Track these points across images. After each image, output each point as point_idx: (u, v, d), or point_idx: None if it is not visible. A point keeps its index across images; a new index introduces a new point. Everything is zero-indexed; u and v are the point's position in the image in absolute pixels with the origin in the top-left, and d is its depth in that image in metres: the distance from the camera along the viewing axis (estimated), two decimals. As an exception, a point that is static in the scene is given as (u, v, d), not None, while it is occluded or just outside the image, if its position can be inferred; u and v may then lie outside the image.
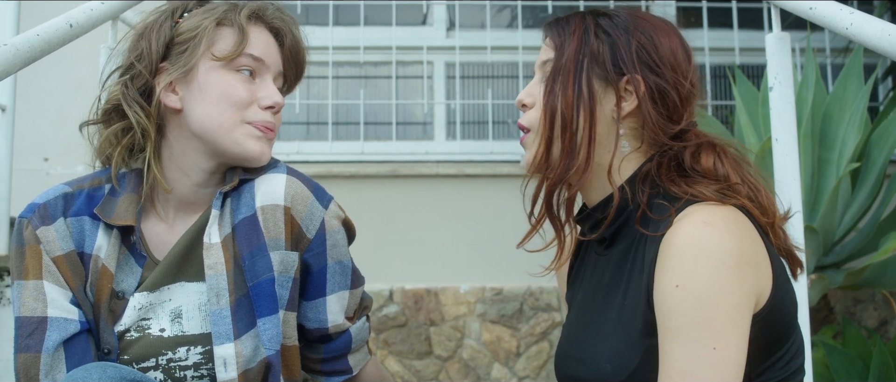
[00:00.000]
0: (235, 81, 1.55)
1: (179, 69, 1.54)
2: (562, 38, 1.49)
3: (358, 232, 1.71)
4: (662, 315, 1.31)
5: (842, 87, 3.16)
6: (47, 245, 1.54)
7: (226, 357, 1.50)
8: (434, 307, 3.72)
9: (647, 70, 1.45)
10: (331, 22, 4.20)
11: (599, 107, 1.45)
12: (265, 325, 1.54)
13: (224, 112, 1.54)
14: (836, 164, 3.09)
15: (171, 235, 1.59)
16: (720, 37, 4.21)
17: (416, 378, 3.69)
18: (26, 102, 3.49)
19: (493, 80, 4.34)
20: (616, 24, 1.47)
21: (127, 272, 1.56)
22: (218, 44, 1.55)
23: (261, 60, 1.58)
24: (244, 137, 1.55)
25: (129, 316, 1.53)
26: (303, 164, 3.93)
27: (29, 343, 1.48)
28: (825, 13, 1.93)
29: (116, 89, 1.56)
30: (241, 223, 1.57)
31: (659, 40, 1.47)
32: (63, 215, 1.57)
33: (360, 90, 4.18)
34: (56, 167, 3.92)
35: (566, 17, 1.53)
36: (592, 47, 1.46)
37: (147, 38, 1.55)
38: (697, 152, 1.45)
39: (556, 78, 1.47)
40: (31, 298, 1.50)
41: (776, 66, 2.14)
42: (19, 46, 1.78)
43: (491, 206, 3.90)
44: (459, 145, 4.20)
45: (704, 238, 1.29)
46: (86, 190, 1.61)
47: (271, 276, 1.56)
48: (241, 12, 1.58)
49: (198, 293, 1.56)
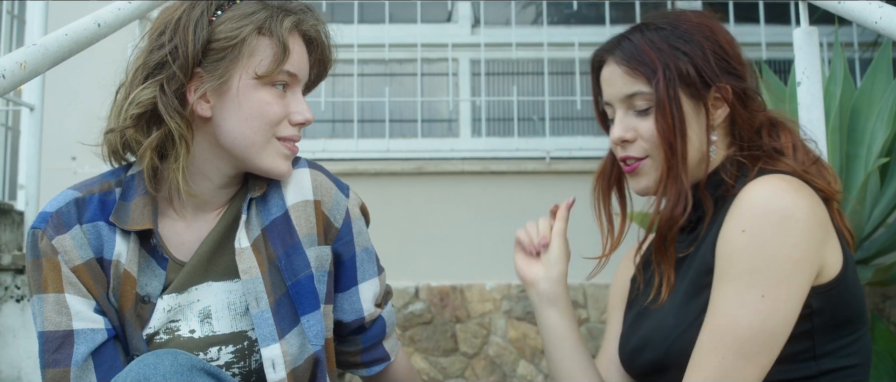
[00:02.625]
0: (271, 98, 1.51)
1: (215, 79, 1.47)
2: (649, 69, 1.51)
3: (383, 230, 1.73)
4: (722, 259, 1.37)
5: (870, 81, 3.13)
6: (65, 255, 1.47)
7: (273, 358, 1.50)
8: (460, 304, 3.73)
9: (728, 76, 1.52)
10: (356, 20, 4.21)
11: (693, 123, 1.50)
12: (310, 321, 1.56)
13: (258, 130, 1.50)
14: (864, 159, 3.06)
15: (190, 233, 1.57)
16: (747, 32, 4.18)
17: (442, 376, 3.69)
18: (54, 101, 3.52)
19: (518, 76, 4.34)
20: (681, 37, 1.52)
21: (150, 275, 1.53)
22: (257, 56, 1.49)
23: (295, 75, 1.54)
24: (274, 156, 1.53)
25: (157, 319, 1.51)
26: (328, 161, 3.93)
27: (57, 358, 1.44)
28: (854, 7, 1.91)
29: (150, 93, 1.47)
30: (272, 224, 1.58)
31: (722, 39, 1.54)
32: (78, 222, 1.50)
33: (385, 88, 4.19)
34: (83, 166, 3.95)
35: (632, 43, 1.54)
36: (678, 69, 1.50)
37: (181, 35, 1.46)
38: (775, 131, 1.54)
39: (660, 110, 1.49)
40: (53, 312, 1.45)
41: (804, 60, 2.13)
42: (48, 46, 1.79)
43: (516, 203, 3.89)
44: (484, 142, 4.20)
45: (778, 192, 1.35)
46: (96, 194, 1.54)
47: (310, 273, 1.58)
48: (282, 22, 1.51)
49: (226, 292, 1.55)
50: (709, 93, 1.50)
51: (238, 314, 1.55)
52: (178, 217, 1.57)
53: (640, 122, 1.53)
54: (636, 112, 1.53)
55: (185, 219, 1.57)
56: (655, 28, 1.53)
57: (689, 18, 1.54)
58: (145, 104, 1.47)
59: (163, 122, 1.48)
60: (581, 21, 4.42)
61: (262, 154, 1.52)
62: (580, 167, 3.92)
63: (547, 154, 4.02)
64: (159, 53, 1.48)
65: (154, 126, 1.50)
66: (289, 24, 1.51)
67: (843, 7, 1.95)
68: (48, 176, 3.27)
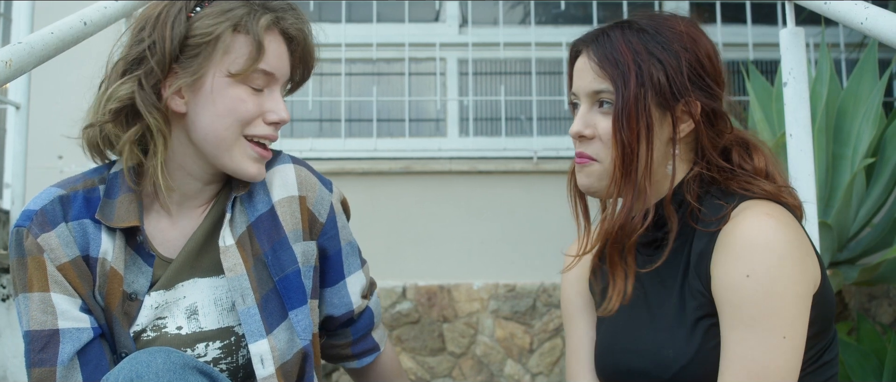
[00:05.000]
0: (245, 95, 1.50)
1: (190, 76, 1.47)
2: (618, 70, 1.48)
3: (370, 229, 1.75)
4: (730, 305, 1.36)
5: (856, 82, 3.14)
6: (51, 253, 1.47)
7: (262, 354, 1.51)
8: (447, 303, 3.73)
9: (699, 91, 1.49)
10: (343, 19, 4.20)
11: (656, 134, 1.48)
12: (297, 316, 1.57)
13: (228, 127, 1.49)
14: (850, 159, 3.08)
15: (175, 230, 1.57)
16: (734, 32, 4.19)
17: (430, 375, 3.69)
18: (41, 99, 3.50)
19: (505, 76, 4.34)
20: (660, 43, 1.49)
21: (136, 272, 1.52)
22: (232, 54, 1.48)
23: (272, 74, 1.53)
24: (242, 157, 1.52)
25: (144, 316, 1.51)
26: (316, 160, 3.92)
27: (43, 358, 1.44)
28: (840, 8, 1.92)
29: (128, 88, 1.47)
30: (258, 220, 1.59)
31: (702, 53, 1.51)
32: (64, 220, 1.49)
33: (372, 87, 4.18)
34: (70, 165, 3.94)
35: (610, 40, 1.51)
36: (649, 76, 1.47)
37: (160, 31, 1.46)
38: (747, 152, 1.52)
39: (624, 115, 1.46)
40: (39, 311, 1.45)
41: (790, 61, 2.13)
42: (34, 44, 1.78)
43: (504, 202, 3.89)
44: (472, 141, 4.20)
45: (771, 229, 1.35)
46: (80, 192, 1.54)
47: (297, 268, 1.59)
48: (259, 20, 1.49)
49: (212, 288, 1.56)
50: (677, 105, 1.47)
51: (224, 310, 1.55)
52: (163, 214, 1.57)
53: (602, 121, 1.50)
54: (600, 111, 1.51)
55: (170, 216, 1.57)
56: (638, 29, 1.50)
57: (673, 26, 1.51)
58: (123, 99, 1.47)
59: (141, 117, 1.47)
60: (569, 21, 4.43)
61: (231, 152, 1.51)
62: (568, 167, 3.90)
63: (535, 154, 4.02)
64: (138, 48, 1.48)
65: (133, 121, 1.49)
66: (266, 22, 1.50)
67: (829, 8, 1.95)
68: (34, 175, 3.25)
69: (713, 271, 1.40)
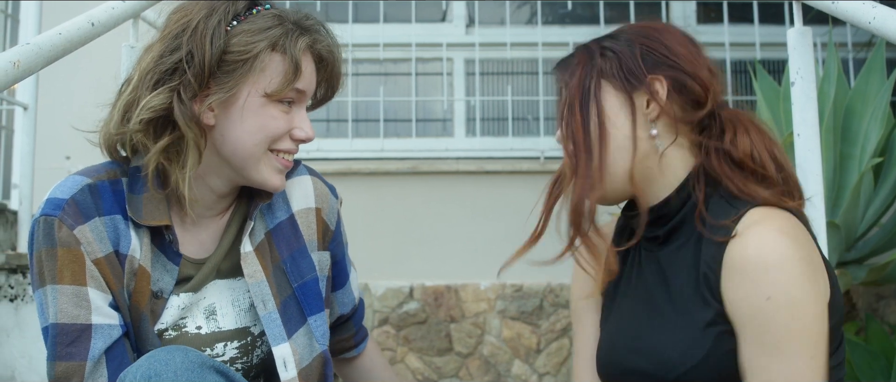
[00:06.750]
0: (276, 113, 1.50)
1: (224, 92, 1.45)
2: (568, 72, 1.53)
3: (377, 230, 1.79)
4: (752, 330, 1.35)
5: (864, 81, 3.14)
6: (88, 246, 1.43)
7: (284, 357, 1.54)
8: (454, 303, 3.73)
9: (660, 69, 1.49)
10: (350, 19, 4.21)
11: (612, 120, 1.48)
12: (316, 322, 1.61)
13: (258, 143, 1.49)
14: (858, 159, 3.07)
15: (196, 231, 1.57)
16: (741, 32, 4.19)
17: (437, 375, 3.69)
18: (48, 100, 3.51)
19: (512, 76, 4.34)
20: (619, 41, 1.52)
21: (161, 270, 1.51)
22: (268, 73, 1.47)
23: (304, 92, 1.53)
24: (269, 170, 1.52)
25: (170, 315, 1.51)
26: (323, 161, 3.94)
27: (71, 352, 1.41)
28: (848, 7, 1.91)
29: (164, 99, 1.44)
30: (277, 228, 1.62)
31: (665, 39, 1.51)
32: (97, 214, 1.46)
33: (379, 87, 4.19)
34: (77, 165, 3.93)
35: (570, 55, 1.57)
36: (599, 67, 1.50)
37: (199, 42, 1.44)
38: (735, 136, 1.49)
39: (568, 108, 1.51)
40: (71, 305, 1.41)
41: (798, 61, 2.13)
42: (42, 45, 1.78)
43: (510, 202, 3.89)
44: (479, 141, 4.20)
45: (785, 248, 1.33)
46: (106, 182, 1.50)
47: (315, 276, 1.63)
48: (296, 41, 1.49)
49: (229, 289, 1.57)
50: (640, 86, 1.48)
51: (242, 311, 1.58)
52: (185, 216, 1.56)
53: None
54: None
55: (184, 222, 1.57)
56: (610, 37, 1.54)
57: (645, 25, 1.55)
58: (158, 110, 1.44)
59: (172, 127, 1.46)
60: (575, 21, 4.43)
61: (258, 166, 1.51)
62: (575, 167, 3.91)
63: (541, 154, 4.02)
64: (173, 57, 1.45)
65: (164, 132, 1.47)
66: (303, 44, 1.50)
67: (837, 7, 1.95)
68: (42, 175, 3.26)
69: (727, 291, 1.39)
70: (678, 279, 1.47)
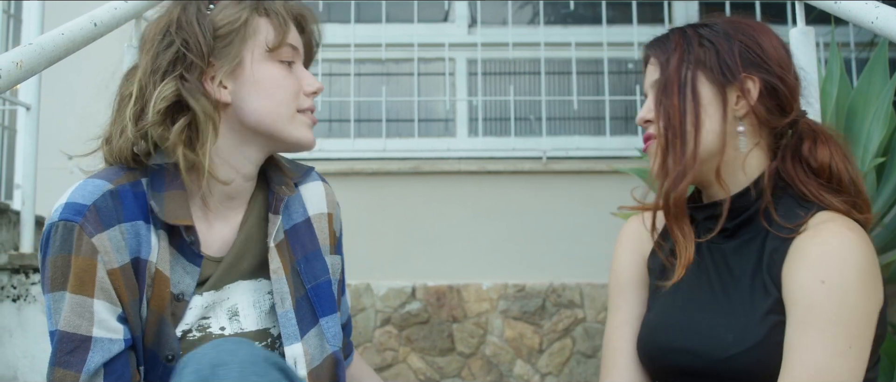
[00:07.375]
0: (283, 71, 1.55)
1: (229, 62, 1.49)
2: (666, 54, 1.58)
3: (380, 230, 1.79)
4: (800, 307, 1.39)
5: (866, 81, 3.13)
6: (105, 256, 1.40)
7: (296, 357, 1.55)
8: (456, 303, 3.73)
9: (754, 69, 1.54)
10: (352, 19, 4.21)
11: (706, 110, 1.53)
12: (328, 323, 1.62)
13: (281, 103, 1.54)
14: (860, 159, 3.06)
15: (214, 230, 1.56)
16: (743, 32, 4.18)
17: (439, 375, 3.69)
18: (51, 100, 3.51)
19: (514, 76, 4.34)
20: (716, 32, 1.57)
21: (181, 272, 1.49)
22: (261, 33, 1.53)
23: (297, 49, 1.59)
24: (301, 127, 1.57)
25: (192, 316, 1.49)
26: (325, 161, 3.94)
27: (69, 360, 1.39)
28: (851, 7, 1.91)
29: (172, 85, 1.45)
30: (294, 229, 1.64)
31: (760, 39, 1.57)
32: (118, 221, 1.43)
33: (381, 87, 4.19)
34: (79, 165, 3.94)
35: (665, 35, 1.61)
36: (697, 55, 1.55)
37: (188, 29, 1.48)
38: (814, 146, 1.55)
39: (664, 90, 1.55)
40: (73, 313, 1.39)
41: (800, 60, 2.11)
42: (44, 45, 1.79)
43: (513, 202, 3.89)
44: (481, 141, 4.20)
45: (851, 243, 1.39)
46: (127, 186, 1.48)
47: (329, 278, 1.65)
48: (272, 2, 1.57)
49: (251, 290, 1.57)
50: (734, 81, 1.52)
51: (263, 312, 1.57)
52: (201, 215, 1.55)
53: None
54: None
55: (207, 218, 1.55)
56: (705, 25, 1.59)
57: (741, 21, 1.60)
58: (169, 97, 1.45)
59: (185, 110, 1.47)
60: (578, 21, 4.42)
61: (289, 126, 1.55)
62: (577, 167, 3.92)
63: (544, 154, 4.02)
64: (169, 52, 1.47)
65: (178, 116, 1.47)
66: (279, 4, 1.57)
67: (839, 7, 1.95)
68: (44, 176, 3.26)
69: (787, 275, 1.43)
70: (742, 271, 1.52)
